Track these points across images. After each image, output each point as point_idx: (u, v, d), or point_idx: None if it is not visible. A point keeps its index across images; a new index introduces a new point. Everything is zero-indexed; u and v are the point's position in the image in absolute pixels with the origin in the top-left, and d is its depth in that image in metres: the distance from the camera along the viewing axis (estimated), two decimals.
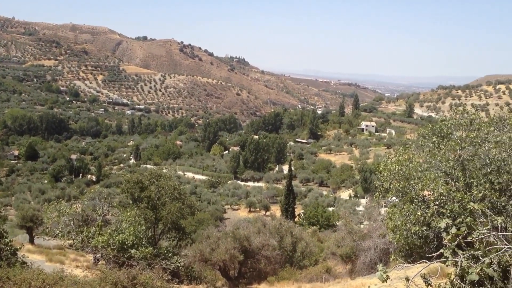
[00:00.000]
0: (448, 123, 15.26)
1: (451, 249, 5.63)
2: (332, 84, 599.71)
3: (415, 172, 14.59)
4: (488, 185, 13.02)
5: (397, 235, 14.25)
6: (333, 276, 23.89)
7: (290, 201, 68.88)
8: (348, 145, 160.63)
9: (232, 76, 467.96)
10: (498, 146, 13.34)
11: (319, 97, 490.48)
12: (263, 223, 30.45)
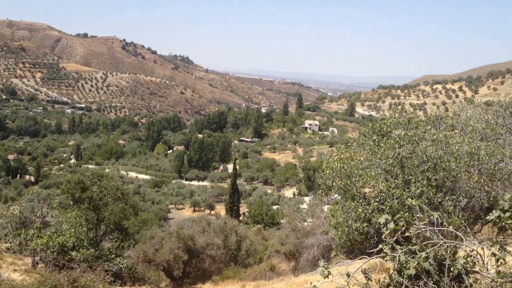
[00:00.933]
0: (387, 122, 15.62)
1: (389, 245, 5.77)
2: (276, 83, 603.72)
3: (356, 170, 14.86)
4: (426, 181, 13.40)
5: (339, 232, 14.50)
6: (277, 273, 24.08)
7: (234, 200, 68.98)
8: (292, 143, 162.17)
9: (176, 74, 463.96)
10: (434, 144, 13.76)
11: (264, 96, 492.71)
12: (208, 222, 30.34)
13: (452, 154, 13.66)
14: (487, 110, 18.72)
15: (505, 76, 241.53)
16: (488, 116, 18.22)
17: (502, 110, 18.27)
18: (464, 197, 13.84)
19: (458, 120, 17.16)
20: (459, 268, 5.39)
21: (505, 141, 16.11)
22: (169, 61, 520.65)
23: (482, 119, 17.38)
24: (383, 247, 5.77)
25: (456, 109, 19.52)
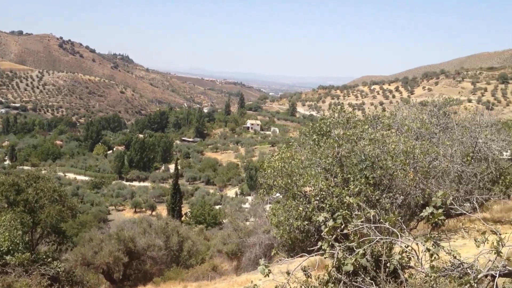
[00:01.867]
0: (327, 122, 15.88)
1: (328, 242, 5.87)
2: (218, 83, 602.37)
3: (297, 169, 15.03)
4: (364, 180, 13.71)
5: (280, 230, 14.63)
6: (219, 273, 24.07)
7: (176, 200, 68.40)
8: (234, 143, 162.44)
9: (115, 73, 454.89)
10: (372, 143, 14.09)
11: (205, 96, 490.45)
12: (149, 223, 30.00)
13: (388, 152, 14.03)
14: (422, 110, 19.33)
15: (439, 77, 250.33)
16: (423, 115, 18.82)
17: (436, 110, 18.90)
18: (401, 194, 14.25)
19: (395, 120, 17.64)
20: (395, 263, 5.55)
21: (439, 140, 16.69)
22: (109, 60, 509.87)
23: (417, 118, 17.93)
24: (322, 244, 5.87)
25: (392, 109, 20.09)
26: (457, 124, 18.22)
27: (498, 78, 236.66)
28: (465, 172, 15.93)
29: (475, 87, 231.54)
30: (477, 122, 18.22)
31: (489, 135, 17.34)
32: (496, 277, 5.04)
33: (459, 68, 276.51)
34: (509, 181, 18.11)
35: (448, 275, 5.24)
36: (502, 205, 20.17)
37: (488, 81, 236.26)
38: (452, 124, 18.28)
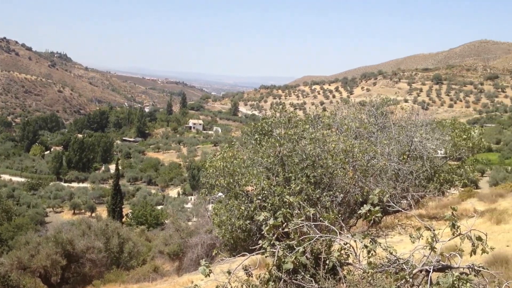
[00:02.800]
0: (268, 121, 16.01)
1: (269, 241, 5.92)
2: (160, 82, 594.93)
3: (239, 168, 15.08)
4: (305, 178, 13.90)
5: (222, 230, 14.64)
6: (161, 274, 23.81)
7: (117, 201, 67.24)
8: (176, 143, 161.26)
9: (53, 72, 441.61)
10: (312, 142, 14.30)
11: (147, 95, 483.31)
12: (88, 225, 29.31)
13: (329, 152, 14.27)
14: (361, 110, 19.75)
15: (377, 78, 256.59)
16: (361, 115, 19.24)
17: (374, 110, 19.37)
18: (340, 192, 14.53)
19: (334, 120, 17.96)
20: (334, 260, 5.66)
21: (377, 139, 17.11)
22: (46, 58, 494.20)
23: (356, 118, 18.31)
24: (263, 243, 5.91)
25: (332, 109, 20.43)
26: (394, 124, 18.72)
27: (432, 79, 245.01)
28: (402, 170, 16.40)
29: (411, 87, 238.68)
30: (413, 121, 18.79)
31: (424, 134, 17.89)
32: (430, 272, 5.21)
33: (396, 69, 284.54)
34: (443, 179, 18.78)
35: (384, 271, 5.38)
36: (437, 202, 20.89)
37: (423, 81, 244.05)
38: (389, 123, 18.76)
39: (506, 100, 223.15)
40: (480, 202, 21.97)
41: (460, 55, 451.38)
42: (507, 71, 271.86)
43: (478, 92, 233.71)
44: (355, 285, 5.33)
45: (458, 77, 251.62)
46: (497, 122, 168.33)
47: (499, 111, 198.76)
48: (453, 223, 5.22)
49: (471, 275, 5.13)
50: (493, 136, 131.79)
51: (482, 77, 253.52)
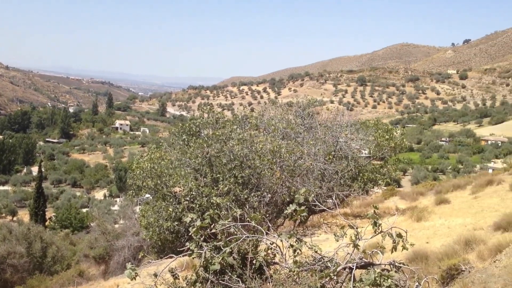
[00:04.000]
0: (196, 122, 15.94)
1: (196, 242, 5.89)
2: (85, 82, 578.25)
3: (166, 170, 14.92)
4: (233, 179, 13.94)
5: (150, 232, 14.45)
6: (86, 278, 23.20)
7: (40, 204, 64.80)
8: (102, 144, 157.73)
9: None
10: (240, 143, 14.36)
11: (71, 95, 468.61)
12: (9, 229, 28.14)
13: (256, 152, 14.37)
14: (288, 111, 20.02)
15: (304, 79, 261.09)
16: (288, 116, 19.50)
17: (300, 111, 19.68)
18: (268, 192, 14.66)
19: (262, 120, 18.10)
20: (261, 260, 5.71)
21: (303, 140, 17.38)
22: None
23: (283, 119, 18.54)
24: (190, 244, 5.88)
25: (260, 110, 20.59)
26: (320, 124, 19.10)
27: (357, 81, 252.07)
28: (328, 170, 16.74)
29: (336, 88, 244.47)
30: (338, 122, 19.22)
31: (349, 134, 18.35)
32: (354, 269, 5.35)
33: (322, 71, 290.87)
34: (367, 178, 19.33)
35: (310, 269, 5.48)
36: (361, 201, 21.48)
37: (348, 83, 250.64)
38: (315, 124, 19.12)
39: (426, 102, 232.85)
40: (402, 200, 22.76)
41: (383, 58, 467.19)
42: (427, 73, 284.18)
43: (400, 93, 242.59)
44: (281, 284, 5.40)
45: (381, 79, 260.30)
46: (418, 123, 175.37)
47: (420, 112, 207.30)
48: (375, 221, 5.39)
49: (392, 272, 5.31)
50: (414, 136, 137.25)
51: (404, 79, 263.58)
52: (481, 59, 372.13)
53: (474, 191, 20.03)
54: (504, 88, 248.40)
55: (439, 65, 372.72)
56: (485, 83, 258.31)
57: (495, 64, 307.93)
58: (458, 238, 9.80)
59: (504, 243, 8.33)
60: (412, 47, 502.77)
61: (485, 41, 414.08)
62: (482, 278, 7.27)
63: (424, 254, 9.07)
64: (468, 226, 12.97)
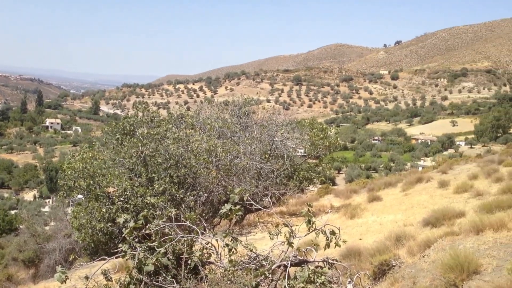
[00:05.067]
0: (130, 121, 15.64)
1: (129, 243, 5.78)
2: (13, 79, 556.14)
3: (99, 169, 14.58)
4: (168, 179, 13.78)
5: (82, 234, 14.09)
6: (15, 283, 22.36)
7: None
8: (31, 143, 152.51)
9: None
10: (176, 142, 14.22)
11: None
12: None
13: (192, 151, 14.28)
14: (224, 110, 20.00)
15: (240, 78, 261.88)
16: (225, 115, 19.49)
17: (236, 110, 19.70)
18: (204, 192, 14.60)
19: (198, 119, 18.00)
20: (196, 260, 5.66)
21: (239, 139, 17.41)
22: None
23: (219, 118, 18.50)
24: (123, 246, 5.76)
25: (196, 108, 20.48)
26: (256, 123, 19.19)
27: (293, 80, 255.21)
28: (264, 169, 16.84)
29: (273, 88, 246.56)
30: (274, 121, 19.37)
31: (285, 133, 18.54)
32: (288, 267, 5.39)
33: (258, 70, 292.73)
34: (302, 176, 19.58)
35: (245, 268, 5.48)
36: (297, 199, 21.75)
37: (284, 82, 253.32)
38: (251, 123, 19.20)
39: (359, 101, 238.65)
40: (336, 198, 23.22)
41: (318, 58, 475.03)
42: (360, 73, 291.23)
43: (334, 93, 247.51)
44: (216, 283, 5.37)
45: (317, 78, 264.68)
46: (352, 122, 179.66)
47: (354, 112, 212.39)
48: (309, 219, 5.45)
49: (326, 268, 5.40)
50: (348, 135, 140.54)
51: (338, 79, 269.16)
52: (412, 60, 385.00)
53: (405, 188, 20.67)
54: (433, 88, 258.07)
55: (371, 65, 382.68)
56: (415, 84, 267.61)
57: (424, 65, 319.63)
58: (389, 234, 10.06)
59: (433, 238, 8.61)
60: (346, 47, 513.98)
61: (416, 43, 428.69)
62: (412, 273, 7.50)
63: (357, 251, 9.26)
64: (399, 222, 13.36)
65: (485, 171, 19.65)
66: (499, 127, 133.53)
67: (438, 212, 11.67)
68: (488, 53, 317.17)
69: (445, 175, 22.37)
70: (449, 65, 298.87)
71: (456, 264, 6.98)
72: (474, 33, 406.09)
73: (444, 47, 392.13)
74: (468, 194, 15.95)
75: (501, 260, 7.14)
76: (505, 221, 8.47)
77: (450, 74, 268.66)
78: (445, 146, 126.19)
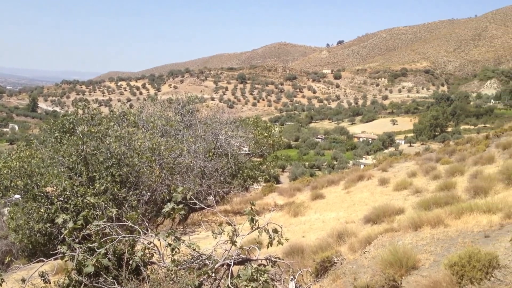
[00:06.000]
0: (70, 118, 15.26)
1: (68, 244, 5.62)
2: None
3: (37, 168, 14.15)
4: (110, 178, 13.51)
5: (19, 235, 13.63)
6: None
7: None
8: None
9: None
10: (118, 140, 13.95)
11: None
12: None
13: (135, 150, 14.05)
14: (167, 107, 19.80)
15: (184, 76, 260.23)
16: (168, 113, 19.30)
17: (180, 108, 19.54)
18: (147, 191, 14.40)
19: (141, 117, 17.74)
20: (137, 260, 5.56)
21: (183, 137, 17.27)
22: None
23: (162, 116, 18.29)
24: (61, 247, 5.60)
25: (139, 106, 20.18)
26: (200, 122, 19.09)
27: (237, 78, 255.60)
28: (208, 167, 16.78)
29: (217, 86, 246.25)
30: (218, 119, 19.32)
31: (229, 131, 18.52)
32: (231, 266, 5.38)
33: (203, 68, 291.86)
34: (246, 175, 19.63)
35: (188, 268, 5.43)
36: (241, 197, 21.79)
37: (229, 80, 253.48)
38: (195, 121, 19.09)
39: (303, 100, 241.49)
40: (280, 196, 23.41)
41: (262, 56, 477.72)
42: (304, 72, 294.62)
43: (279, 91, 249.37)
44: (158, 283, 5.30)
45: (261, 77, 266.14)
46: (296, 120, 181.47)
47: (298, 110, 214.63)
48: (252, 218, 5.46)
49: (269, 266, 5.42)
50: (293, 134, 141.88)
51: (282, 78, 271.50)
52: (354, 59, 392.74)
53: (347, 186, 21.06)
54: (374, 88, 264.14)
55: (315, 64, 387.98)
56: (357, 83, 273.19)
57: (366, 65, 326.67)
58: (331, 231, 10.21)
59: (373, 235, 8.79)
60: (290, 46, 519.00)
61: (357, 43, 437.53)
62: (353, 269, 7.63)
63: (300, 248, 9.35)
64: (341, 219, 13.59)
65: (423, 168, 20.27)
66: (437, 126, 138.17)
67: (378, 209, 11.94)
68: (427, 54, 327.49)
69: (386, 173, 22.94)
70: (390, 65, 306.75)
71: (395, 260, 7.15)
72: (413, 34, 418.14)
73: (385, 47, 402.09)
74: (407, 191, 16.41)
75: (438, 255, 7.35)
76: (442, 217, 8.75)
77: (390, 74, 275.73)
78: (386, 144, 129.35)
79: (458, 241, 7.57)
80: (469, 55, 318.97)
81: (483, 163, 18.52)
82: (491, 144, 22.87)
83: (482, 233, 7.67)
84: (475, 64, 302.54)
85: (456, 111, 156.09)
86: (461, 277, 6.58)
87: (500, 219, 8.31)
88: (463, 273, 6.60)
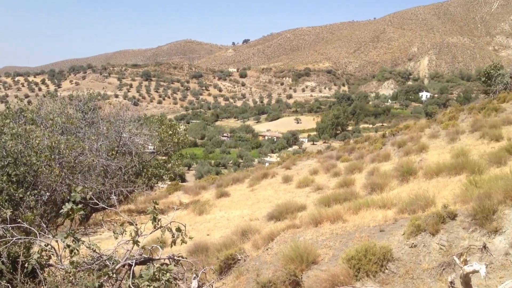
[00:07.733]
0: None
1: None
2: None
3: None
4: (6, 177, 12.90)
5: None
6: None
7: None
8: None
9: None
10: (14, 138, 13.34)
11: None
12: None
13: (33, 148, 13.49)
14: (68, 104, 19.14)
15: (86, 72, 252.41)
16: (69, 110, 18.66)
17: (81, 105, 18.96)
18: (46, 191, 13.86)
19: (39, 114, 17.03)
20: (33, 263, 5.36)
21: (85, 135, 16.77)
22: None
23: (63, 113, 17.66)
24: None
25: (37, 103, 19.35)
26: (102, 119, 18.63)
27: (142, 75, 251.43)
28: (111, 166, 16.42)
29: (121, 82, 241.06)
30: (121, 117, 18.94)
31: (133, 129, 18.22)
32: (133, 266, 5.32)
33: (106, 64, 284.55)
34: (151, 173, 19.42)
35: (87, 269, 5.31)
36: (146, 196, 21.51)
37: (133, 77, 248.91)
38: (97, 119, 18.61)
39: (209, 98, 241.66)
40: (185, 194, 23.36)
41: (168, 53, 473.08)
42: (209, 70, 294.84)
43: (184, 89, 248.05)
44: (56, 286, 5.14)
45: (166, 74, 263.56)
46: (202, 119, 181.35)
47: (204, 108, 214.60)
48: (154, 217, 5.43)
49: (171, 265, 5.41)
50: (198, 132, 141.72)
51: (188, 75, 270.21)
52: (259, 58, 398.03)
53: (252, 184, 21.38)
54: (279, 87, 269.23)
55: (221, 63, 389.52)
56: (263, 82, 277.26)
57: (271, 64, 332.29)
58: (236, 229, 10.36)
59: (276, 231, 9.02)
60: (196, 44, 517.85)
61: (263, 42, 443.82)
62: (256, 265, 7.79)
63: (205, 246, 9.41)
64: (245, 217, 13.79)
65: (324, 166, 20.97)
66: (338, 125, 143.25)
67: (281, 207, 12.24)
68: (329, 54, 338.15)
69: (289, 170, 23.50)
70: (294, 64, 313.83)
71: (296, 255, 7.39)
72: (316, 34, 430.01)
73: (289, 47, 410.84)
74: (309, 189, 16.92)
75: (337, 250, 7.67)
76: (341, 213, 9.12)
77: (294, 74, 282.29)
78: (290, 142, 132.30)
79: (356, 235, 7.93)
80: (368, 56, 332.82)
81: (380, 160, 19.46)
82: (387, 142, 24.04)
83: (378, 227, 8.09)
84: (374, 65, 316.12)
85: (356, 111, 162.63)
86: (357, 270, 6.92)
87: (394, 214, 8.79)
88: (359, 266, 6.94)
